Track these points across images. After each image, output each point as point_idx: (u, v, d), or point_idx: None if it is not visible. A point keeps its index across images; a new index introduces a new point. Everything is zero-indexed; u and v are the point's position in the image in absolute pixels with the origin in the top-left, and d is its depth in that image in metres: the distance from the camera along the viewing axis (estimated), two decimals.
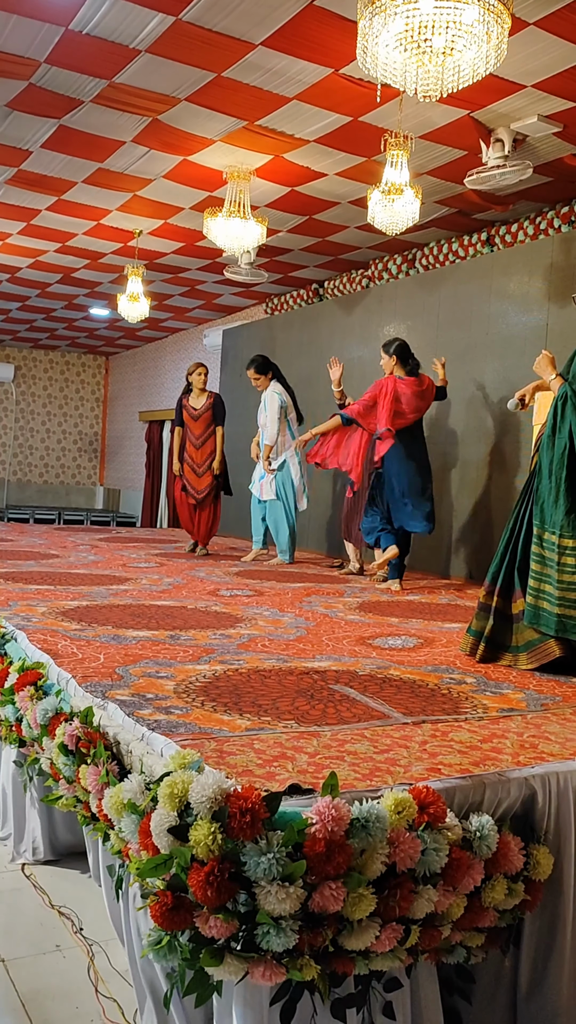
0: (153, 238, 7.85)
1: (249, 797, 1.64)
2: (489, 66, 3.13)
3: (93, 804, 2.17)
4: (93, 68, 4.68)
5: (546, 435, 3.36)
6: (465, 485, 6.81)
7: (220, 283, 9.39)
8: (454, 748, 2.22)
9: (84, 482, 15.52)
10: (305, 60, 4.45)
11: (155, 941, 1.70)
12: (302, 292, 9.50)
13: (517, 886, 1.90)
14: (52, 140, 5.71)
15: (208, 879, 1.58)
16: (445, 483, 6.93)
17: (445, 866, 1.74)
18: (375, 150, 5.50)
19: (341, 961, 1.66)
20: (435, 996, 1.92)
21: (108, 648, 3.21)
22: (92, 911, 2.61)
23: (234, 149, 5.68)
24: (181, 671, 2.93)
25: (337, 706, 2.60)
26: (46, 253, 8.56)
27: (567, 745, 2.30)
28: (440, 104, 4.79)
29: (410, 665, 3.29)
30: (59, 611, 3.94)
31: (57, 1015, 2.16)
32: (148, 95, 4.97)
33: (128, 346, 14.23)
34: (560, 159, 5.53)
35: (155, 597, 4.63)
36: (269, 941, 1.58)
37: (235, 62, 4.52)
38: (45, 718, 2.56)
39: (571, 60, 4.32)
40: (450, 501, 6.90)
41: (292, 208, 6.83)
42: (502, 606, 3.46)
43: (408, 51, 3.08)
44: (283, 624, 4.07)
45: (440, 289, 7.20)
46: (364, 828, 1.67)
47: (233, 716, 2.41)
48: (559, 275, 6.06)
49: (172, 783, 1.71)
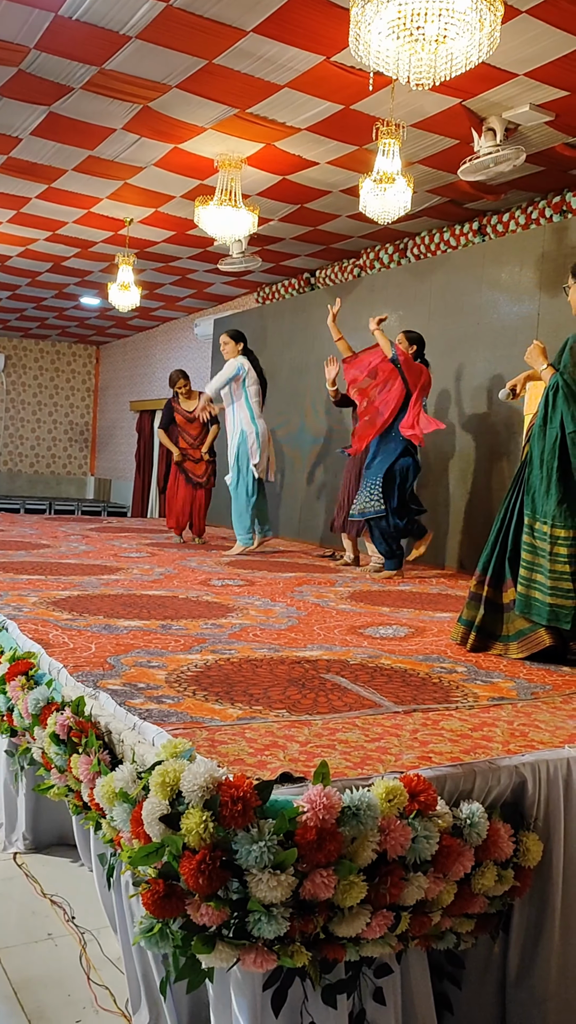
0: (144, 227, 7.81)
1: (240, 785, 1.65)
2: (482, 54, 3.12)
3: (85, 793, 2.17)
4: (83, 54, 4.64)
5: (537, 425, 3.37)
6: (456, 475, 6.81)
7: (211, 272, 9.36)
8: (445, 736, 2.23)
9: (75, 472, 15.48)
10: (297, 47, 4.43)
11: (147, 929, 1.71)
12: (293, 281, 9.48)
13: (507, 873, 1.91)
14: (42, 127, 5.67)
15: (200, 867, 1.58)
16: (436, 473, 6.94)
17: (435, 853, 1.75)
18: (367, 139, 5.48)
19: (332, 948, 1.67)
20: (425, 982, 1.93)
21: (99, 638, 3.21)
22: (84, 900, 2.62)
23: (225, 137, 5.65)
24: (172, 661, 2.93)
25: (328, 695, 2.61)
26: (36, 241, 8.52)
27: (557, 733, 2.32)
28: (432, 92, 4.77)
29: (401, 654, 3.30)
30: (50, 601, 3.93)
31: (49, 1003, 2.16)
32: (139, 82, 4.93)
33: (119, 335, 14.18)
34: (552, 148, 5.52)
35: (146, 587, 4.62)
36: (260, 928, 1.58)
37: (226, 49, 4.49)
38: (36, 708, 2.56)
39: (563, 48, 4.31)
40: (441, 491, 6.91)
41: (283, 197, 6.80)
42: (493, 595, 3.47)
43: (401, 39, 3.07)
44: (274, 614, 4.07)
45: (432, 278, 7.19)
46: (355, 816, 1.67)
47: (224, 705, 2.41)
48: (550, 265, 6.06)
49: (164, 772, 1.71)
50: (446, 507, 6.87)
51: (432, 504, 6.91)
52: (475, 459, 6.63)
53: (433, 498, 6.92)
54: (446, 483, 6.90)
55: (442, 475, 6.93)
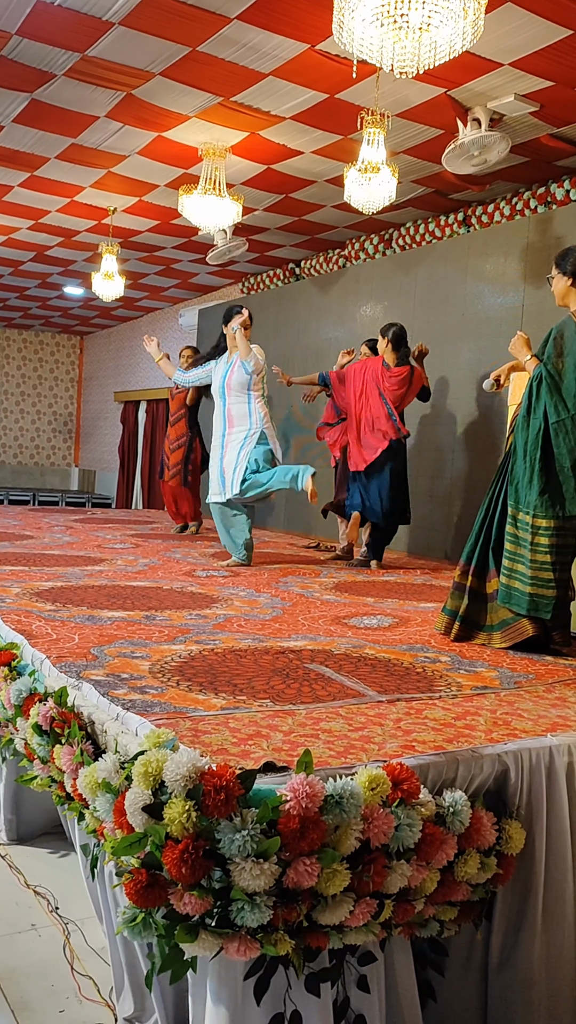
0: (128, 216, 7.76)
1: (224, 775, 1.64)
2: (466, 42, 3.12)
3: (68, 784, 2.16)
4: (66, 40, 4.60)
5: (521, 416, 3.38)
6: (440, 466, 6.83)
7: (196, 262, 9.32)
8: (428, 725, 2.24)
9: (59, 463, 15.40)
10: (281, 35, 4.40)
11: (130, 918, 1.70)
12: (278, 271, 9.45)
13: (489, 860, 1.92)
14: (24, 114, 5.62)
15: (183, 856, 1.58)
16: (420, 464, 6.95)
17: (419, 841, 1.76)
18: (351, 128, 5.46)
19: (315, 936, 1.67)
20: (409, 969, 1.94)
21: (83, 628, 3.20)
22: (68, 890, 2.61)
23: (209, 126, 5.62)
24: (156, 651, 2.93)
25: (312, 685, 2.61)
26: (19, 230, 8.44)
27: (539, 722, 2.33)
28: (417, 82, 4.76)
29: (385, 644, 3.31)
30: (33, 592, 3.92)
31: (33, 993, 2.16)
32: (122, 69, 4.89)
33: (103, 326, 14.10)
34: (537, 139, 5.52)
35: (130, 578, 4.61)
36: (243, 917, 1.58)
37: (210, 36, 4.46)
38: (19, 698, 2.55)
39: (548, 39, 4.30)
40: (426, 482, 6.92)
41: (268, 186, 6.77)
42: (477, 586, 3.49)
43: (385, 26, 3.06)
44: (259, 604, 4.07)
45: (416, 269, 7.19)
46: (338, 805, 1.68)
47: (208, 695, 2.41)
48: (535, 256, 6.07)
49: (147, 762, 1.71)
50: (430, 498, 6.89)
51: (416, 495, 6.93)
52: (459, 449, 6.65)
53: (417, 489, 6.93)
54: (430, 474, 6.91)
55: (426, 466, 6.94)
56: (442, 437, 6.80)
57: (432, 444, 6.89)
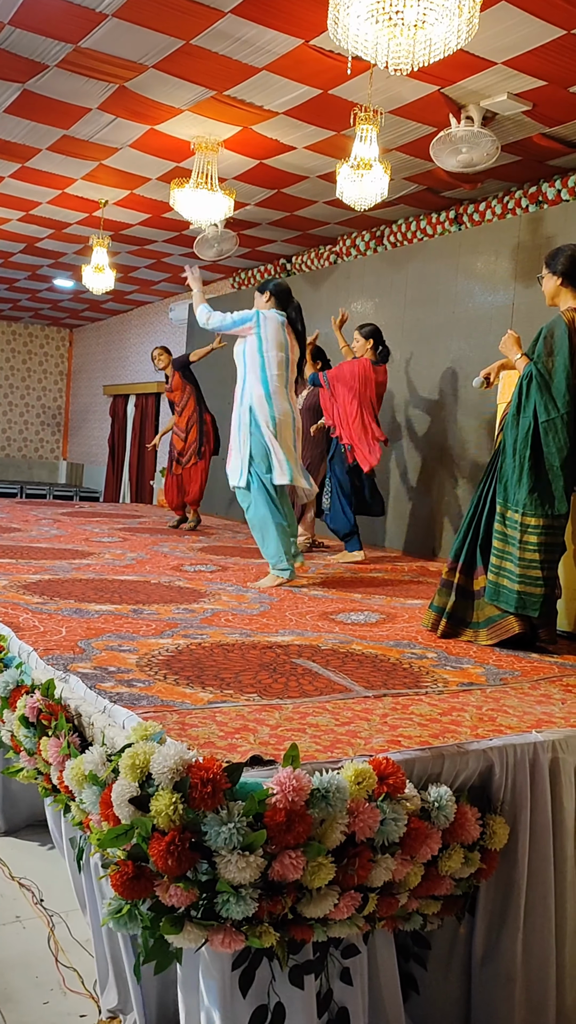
0: (119, 208, 7.73)
1: (210, 768, 1.65)
2: (460, 40, 3.12)
3: (54, 776, 2.16)
4: (58, 31, 4.58)
5: (510, 414, 3.39)
6: (429, 463, 6.84)
7: (187, 256, 9.28)
8: (414, 721, 2.25)
9: (47, 456, 15.35)
10: (275, 30, 4.39)
11: (115, 910, 1.71)
12: (269, 267, 9.44)
13: (473, 855, 1.93)
14: (15, 105, 5.59)
15: (169, 848, 1.59)
16: (410, 461, 6.96)
17: (403, 836, 1.77)
18: (344, 124, 5.45)
19: (300, 928, 1.68)
20: (392, 962, 1.95)
21: (70, 622, 3.20)
22: (52, 882, 2.62)
23: (202, 119, 5.60)
24: (144, 645, 2.93)
25: (299, 680, 2.62)
26: (9, 222, 8.40)
27: (524, 719, 2.34)
28: (410, 79, 4.76)
29: (372, 640, 3.32)
30: (21, 584, 3.91)
31: (17, 984, 2.16)
32: (115, 61, 4.87)
33: (93, 319, 14.05)
34: (529, 138, 5.53)
35: (118, 572, 4.60)
36: (229, 909, 1.59)
37: (204, 29, 4.45)
38: (6, 690, 2.55)
39: (542, 38, 4.31)
40: (414, 479, 6.94)
41: (260, 181, 6.76)
42: (464, 583, 3.50)
43: (380, 23, 3.05)
44: (247, 599, 4.07)
45: (408, 266, 7.20)
46: (324, 798, 1.68)
47: (196, 689, 2.41)
48: (525, 255, 6.08)
49: (134, 754, 1.71)
50: (419, 495, 6.90)
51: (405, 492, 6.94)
52: (448, 447, 6.66)
53: (405, 487, 6.95)
54: (418, 472, 6.92)
55: (414, 464, 6.96)
56: (431, 434, 6.82)
57: (421, 441, 6.91)
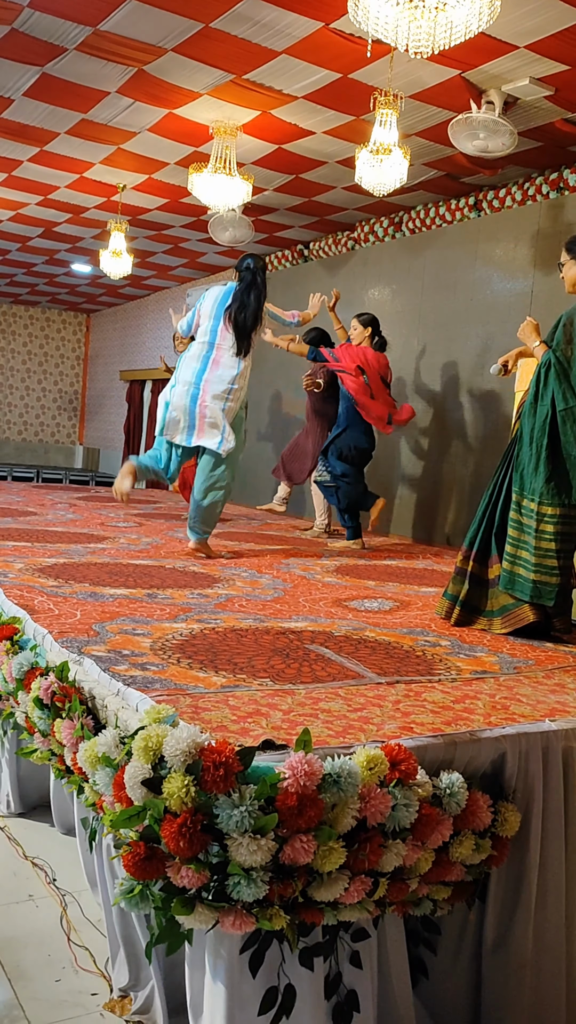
0: (137, 193, 7.72)
1: (223, 751, 1.66)
2: (482, 23, 3.09)
3: (68, 757, 2.18)
4: (77, 14, 4.56)
5: (528, 402, 3.37)
6: (445, 451, 6.82)
7: (204, 241, 9.27)
8: (427, 708, 2.25)
9: (63, 441, 15.40)
10: (295, 12, 4.36)
11: (127, 890, 1.72)
12: (287, 253, 9.40)
13: (484, 842, 1.94)
14: (35, 88, 5.58)
15: (181, 830, 1.60)
16: (425, 448, 6.94)
17: (414, 821, 1.77)
18: (364, 109, 5.41)
19: (310, 912, 1.69)
20: (401, 947, 1.96)
21: (85, 605, 3.21)
22: (65, 862, 2.64)
23: (221, 103, 5.58)
24: (158, 629, 2.94)
25: (312, 665, 2.62)
26: (27, 206, 8.41)
27: (538, 707, 2.34)
28: (431, 63, 4.72)
29: (385, 627, 3.32)
30: (36, 568, 3.93)
31: (30, 962, 2.19)
32: (133, 44, 4.85)
33: (110, 304, 14.06)
34: (551, 123, 5.47)
35: (133, 556, 4.62)
36: (240, 891, 1.60)
37: (223, 12, 4.42)
38: (20, 672, 2.56)
39: (565, 22, 4.26)
40: (430, 466, 6.92)
41: (279, 166, 6.73)
42: (478, 571, 3.49)
43: (400, 5, 3.03)
44: (261, 585, 4.08)
45: (425, 253, 7.15)
46: (336, 783, 1.69)
47: (209, 673, 2.42)
48: (545, 242, 6.03)
49: (147, 736, 1.72)
50: (434, 482, 6.88)
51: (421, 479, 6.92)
52: (465, 435, 6.64)
53: (422, 474, 6.93)
54: (435, 458, 6.90)
55: (431, 451, 6.94)
56: (448, 421, 6.79)
57: (437, 428, 6.88)
